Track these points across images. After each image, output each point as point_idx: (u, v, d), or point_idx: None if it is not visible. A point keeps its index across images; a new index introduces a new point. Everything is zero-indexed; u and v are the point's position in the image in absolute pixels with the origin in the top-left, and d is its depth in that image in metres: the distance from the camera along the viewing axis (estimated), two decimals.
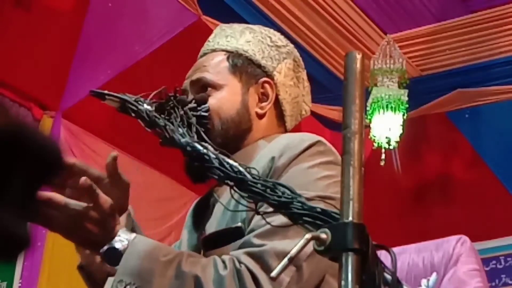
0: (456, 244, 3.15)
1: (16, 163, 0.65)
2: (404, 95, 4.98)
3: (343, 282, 0.93)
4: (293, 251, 0.98)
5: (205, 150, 1.36)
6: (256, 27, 1.78)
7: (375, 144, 4.97)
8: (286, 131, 1.74)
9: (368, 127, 4.93)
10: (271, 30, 1.79)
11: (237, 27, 1.78)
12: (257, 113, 1.69)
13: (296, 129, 1.82)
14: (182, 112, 1.51)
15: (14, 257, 0.68)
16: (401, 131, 4.98)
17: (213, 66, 1.71)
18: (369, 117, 4.95)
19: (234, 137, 1.66)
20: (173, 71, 1.82)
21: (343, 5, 4.92)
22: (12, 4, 4.21)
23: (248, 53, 1.71)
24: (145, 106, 1.47)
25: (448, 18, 5.09)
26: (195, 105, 1.61)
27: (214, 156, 1.33)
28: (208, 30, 4.56)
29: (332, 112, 5.31)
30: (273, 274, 0.98)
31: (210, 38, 1.80)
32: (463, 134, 5.57)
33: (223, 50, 1.73)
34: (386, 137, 4.97)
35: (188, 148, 1.38)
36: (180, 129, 1.42)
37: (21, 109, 4.44)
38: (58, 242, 4.55)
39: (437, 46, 5.19)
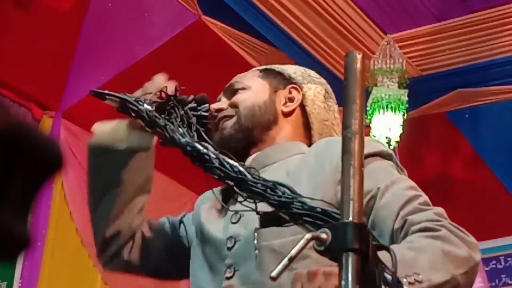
0: None
1: (16, 163, 0.65)
2: (404, 95, 4.98)
3: (343, 282, 0.93)
4: (294, 251, 0.98)
5: (205, 150, 1.36)
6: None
7: None
8: (310, 144, 1.76)
9: (368, 127, 4.92)
10: (308, 69, 1.89)
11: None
12: (282, 111, 1.74)
13: None
14: (182, 112, 1.51)
15: (14, 257, 0.68)
16: (401, 131, 4.98)
17: (246, 76, 1.80)
18: (369, 117, 4.94)
19: (259, 124, 1.71)
20: (173, 71, 1.82)
21: (343, 5, 4.92)
22: (12, 4, 4.20)
23: (279, 68, 1.81)
24: (146, 106, 1.47)
25: (448, 18, 5.09)
26: (195, 105, 1.62)
27: (214, 156, 1.34)
28: (208, 30, 4.57)
29: None
30: (273, 274, 0.98)
31: None
32: (463, 134, 5.57)
33: (257, 69, 1.84)
34: (386, 137, 4.96)
35: (188, 148, 1.38)
36: (180, 129, 1.42)
37: (21, 109, 4.43)
38: (58, 242, 4.56)
39: (437, 46, 5.19)
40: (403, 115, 4.97)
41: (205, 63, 4.48)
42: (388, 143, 4.97)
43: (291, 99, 1.76)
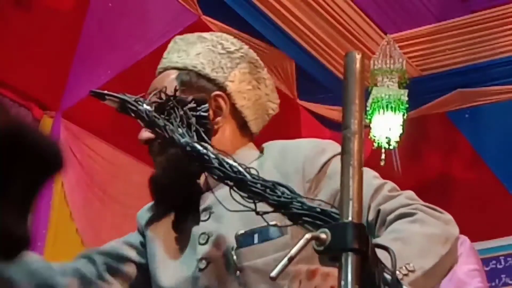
0: None
1: (16, 162, 0.65)
2: (404, 95, 4.98)
3: (343, 282, 0.93)
4: (293, 251, 0.98)
5: (204, 150, 1.36)
6: (208, 35, 1.75)
7: (375, 144, 4.97)
8: (252, 137, 1.71)
9: (368, 127, 4.92)
10: (224, 35, 1.75)
11: (190, 37, 1.74)
12: (214, 130, 1.65)
13: (296, 129, 1.82)
14: (181, 112, 1.51)
15: (14, 257, 0.68)
16: (401, 131, 4.97)
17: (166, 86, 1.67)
18: (369, 117, 4.94)
19: None
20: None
21: (343, 5, 4.92)
22: (12, 4, 4.20)
23: (197, 67, 1.68)
24: (145, 106, 1.47)
25: (448, 18, 5.09)
26: (194, 105, 1.61)
27: (213, 156, 1.34)
28: (208, 30, 4.56)
29: (332, 112, 5.31)
30: (273, 274, 0.98)
31: (165, 53, 1.77)
32: (463, 134, 5.57)
33: (174, 68, 1.70)
34: (386, 137, 4.96)
35: (188, 148, 1.38)
36: (179, 129, 1.42)
37: (21, 109, 4.43)
38: (58, 242, 4.56)
39: (437, 46, 5.19)
40: (403, 115, 4.97)
41: None
42: (388, 143, 4.97)
43: (218, 108, 1.66)
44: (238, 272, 1.51)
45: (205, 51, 1.70)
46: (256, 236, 1.50)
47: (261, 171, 1.53)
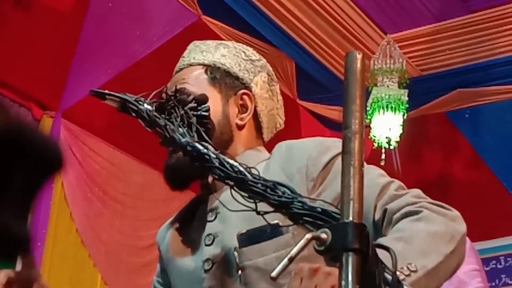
0: None
1: (16, 162, 0.65)
2: (404, 95, 4.98)
3: (343, 282, 0.92)
4: (294, 251, 0.98)
5: (205, 150, 1.36)
6: (229, 43, 1.80)
7: (375, 144, 4.97)
8: (264, 143, 1.75)
9: (368, 127, 4.93)
10: (244, 46, 1.80)
11: (211, 43, 1.79)
12: (237, 125, 1.69)
13: (296, 127, 1.83)
14: (182, 112, 1.51)
15: (14, 257, 0.68)
16: (401, 131, 4.98)
17: (193, 78, 1.70)
18: (369, 117, 4.94)
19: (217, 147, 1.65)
20: (173, 71, 1.83)
21: (343, 5, 4.92)
22: (12, 4, 4.20)
23: (225, 66, 1.72)
24: (146, 105, 1.47)
25: (448, 18, 5.09)
26: (195, 104, 1.61)
27: (214, 156, 1.34)
28: (208, 30, 4.57)
29: (332, 112, 5.31)
30: (274, 274, 0.98)
31: (185, 54, 1.79)
32: (463, 134, 5.57)
33: (200, 64, 1.73)
34: (386, 137, 4.97)
35: (188, 148, 1.38)
36: (180, 129, 1.42)
37: (21, 109, 4.43)
38: (58, 242, 4.56)
39: (437, 46, 5.19)
40: (403, 115, 4.97)
41: None
42: (388, 143, 4.97)
43: (243, 106, 1.70)
44: (239, 271, 1.52)
45: (230, 55, 1.74)
46: (257, 235, 1.51)
47: (268, 172, 1.56)
